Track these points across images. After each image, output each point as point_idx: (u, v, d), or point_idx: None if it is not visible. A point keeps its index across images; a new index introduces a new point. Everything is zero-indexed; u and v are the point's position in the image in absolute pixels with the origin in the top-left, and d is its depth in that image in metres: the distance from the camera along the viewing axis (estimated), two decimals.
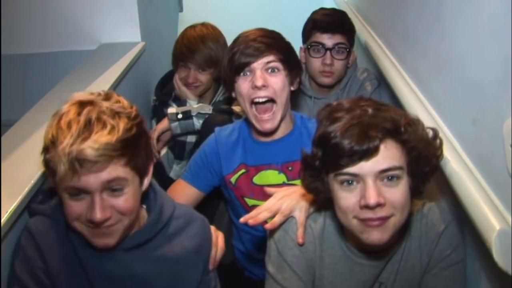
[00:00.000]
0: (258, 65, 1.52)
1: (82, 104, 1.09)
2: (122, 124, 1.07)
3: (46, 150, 1.08)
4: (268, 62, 1.53)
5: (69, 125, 1.05)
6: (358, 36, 2.26)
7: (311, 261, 1.21)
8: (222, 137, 1.68)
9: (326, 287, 1.22)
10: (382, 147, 1.03)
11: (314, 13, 2.10)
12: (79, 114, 1.06)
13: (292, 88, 1.59)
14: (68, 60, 2.29)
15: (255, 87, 1.51)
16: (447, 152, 1.18)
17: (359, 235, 1.08)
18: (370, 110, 1.06)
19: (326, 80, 2.05)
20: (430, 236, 1.18)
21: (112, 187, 1.08)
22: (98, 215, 1.06)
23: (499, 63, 1.00)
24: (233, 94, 1.61)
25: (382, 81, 2.04)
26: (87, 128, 1.04)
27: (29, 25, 2.37)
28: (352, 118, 1.05)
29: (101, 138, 1.03)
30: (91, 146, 1.02)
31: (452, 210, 1.24)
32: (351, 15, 2.29)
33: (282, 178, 1.61)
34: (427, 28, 1.49)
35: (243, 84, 1.54)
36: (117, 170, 1.07)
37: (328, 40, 2.00)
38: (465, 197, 1.08)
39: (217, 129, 1.71)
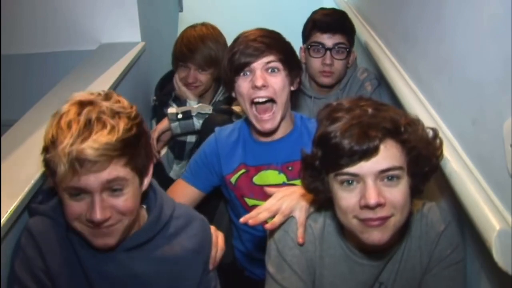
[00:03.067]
0: (258, 65, 1.52)
1: (82, 104, 1.09)
2: (122, 124, 1.07)
3: (46, 150, 1.08)
4: (268, 62, 1.53)
5: (69, 125, 1.05)
6: (358, 36, 2.26)
7: (311, 261, 1.21)
8: (222, 137, 1.68)
9: (326, 287, 1.22)
10: (382, 147, 1.03)
11: (314, 13, 2.09)
12: (79, 114, 1.06)
13: (292, 88, 1.59)
14: (68, 60, 2.29)
15: (255, 87, 1.51)
16: (447, 152, 1.18)
17: (359, 235, 1.08)
18: (370, 110, 1.06)
19: (326, 80, 2.05)
20: (430, 236, 1.18)
21: (112, 187, 1.08)
22: (98, 215, 1.06)
23: (499, 63, 1.00)
24: (233, 94, 1.61)
25: (382, 81, 2.04)
26: (87, 128, 1.04)
27: (29, 25, 2.37)
28: (352, 118, 1.05)
29: (101, 138, 1.03)
30: (91, 146, 1.02)
31: (452, 210, 1.24)
32: (351, 15, 2.29)
33: (282, 178, 1.61)
34: (427, 28, 1.49)
35: (243, 84, 1.54)
36: (117, 170, 1.07)
37: (328, 40, 1.99)
38: (465, 197, 1.08)
39: (217, 129, 1.71)
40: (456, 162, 1.15)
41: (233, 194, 1.67)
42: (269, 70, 1.53)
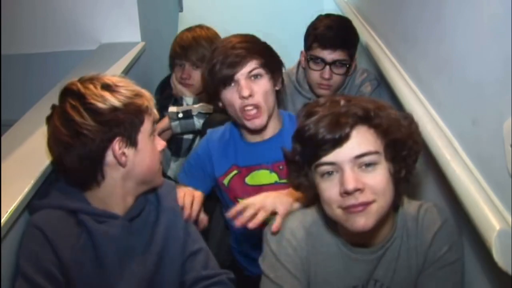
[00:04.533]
0: (241, 75, 1.52)
1: None
2: None
3: None
4: (251, 71, 1.53)
5: None
6: (358, 37, 2.25)
7: (305, 259, 1.22)
8: (214, 139, 1.68)
9: (320, 284, 1.23)
10: (354, 133, 1.07)
11: (318, 20, 2.01)
12: None
13: (276, 88, 1.60)
14: (68, 60, 2.28)
15: (242, 97, 1.52)
16: (447, 152, 1.19)
17: (344, 223, 1.10)
18: (342, 102, 1.11)
19: (324, 92, 2.00)
20: (425, 236, 1.18)
21: None
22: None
23: (499, 63, 1.00)
24: (220, 104, 1.61)
25: (382, 81, 2.04)
26: None
27: (29, 25, 2.37)
28: (324, 110, 1.10)
29: None
30: None
31: (452, 210, 1.24)
32: (351, 15, 2.29)
33: (273, 177, 1.62)
34: (427, 28, 1.49)
35: (230, 96, 1.54)
36: None
37: (328, 55, 1.94)
38: (465, 197, 1.08)
39: (208, 131, 1.72)
40: (456, 162, 1.15)
41: (226, 196, 1.67)
42: (252, 78, 1.54)
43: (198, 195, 1.47)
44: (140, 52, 2.32)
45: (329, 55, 1.95)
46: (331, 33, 1.94)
